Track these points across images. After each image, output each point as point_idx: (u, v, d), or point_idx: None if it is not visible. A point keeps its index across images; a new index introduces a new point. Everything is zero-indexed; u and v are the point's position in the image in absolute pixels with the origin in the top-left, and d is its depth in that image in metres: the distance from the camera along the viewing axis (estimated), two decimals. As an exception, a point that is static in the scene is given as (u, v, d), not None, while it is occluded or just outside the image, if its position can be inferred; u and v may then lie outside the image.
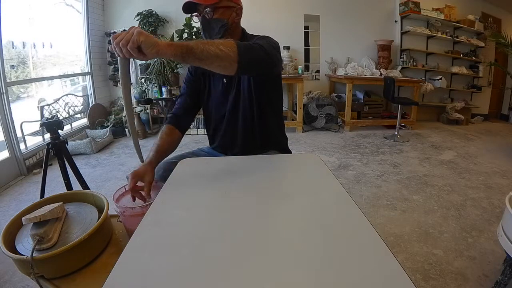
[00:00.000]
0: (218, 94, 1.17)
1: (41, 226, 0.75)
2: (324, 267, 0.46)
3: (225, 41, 0.78)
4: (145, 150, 0.88)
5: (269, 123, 1.19)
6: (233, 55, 0.77)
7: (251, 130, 1.16)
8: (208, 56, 0.73)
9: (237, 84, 1.13)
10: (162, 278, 0.44)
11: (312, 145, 3.63)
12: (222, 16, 1.02)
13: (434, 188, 2.38)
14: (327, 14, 4.66)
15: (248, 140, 1.18)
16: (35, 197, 2.22)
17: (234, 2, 1.05)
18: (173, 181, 0.83)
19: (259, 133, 1.17)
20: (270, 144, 1.22)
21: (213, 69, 0.79)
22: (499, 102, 5.47)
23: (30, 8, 3.50)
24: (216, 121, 1.21)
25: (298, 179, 0.79)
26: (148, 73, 4.25)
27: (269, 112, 1.17)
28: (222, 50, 0.75)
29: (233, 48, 0.77)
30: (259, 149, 1.19)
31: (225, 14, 1.02)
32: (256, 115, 1.14)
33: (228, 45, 0.77)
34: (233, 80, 1.13)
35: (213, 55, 0.73)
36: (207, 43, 0.74)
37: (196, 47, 0.71)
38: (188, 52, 0.70)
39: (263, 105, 1.14)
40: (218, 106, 1.19)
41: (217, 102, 1.18)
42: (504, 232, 1.14)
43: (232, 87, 1.14)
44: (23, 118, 3.04)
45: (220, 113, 1.18)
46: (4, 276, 1.44)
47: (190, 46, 0.70)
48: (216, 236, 0.56)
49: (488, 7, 4.99)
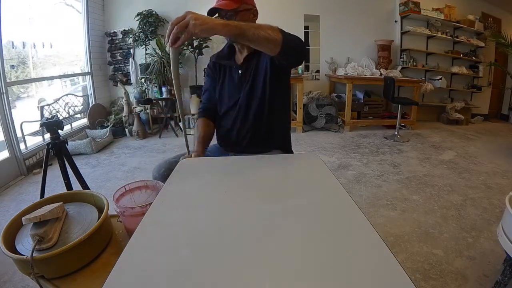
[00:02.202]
0: (233, 83, 1.23)
1: (41, 226, 0.75)
2: (324, 267, 0.46)
3: (271, 26, 0.87)
4: (145, 150, 0.89)
5: (277, 120, 1.23)
6: (278, 40, 0.86)
7: (259, 120, 1.20)
8: (257, 38, 0.83)
9: (253, 76, 1.17)
10: (162, 278, 0.44)
11: (312, 145, 3.63)
12: (243, 19, 1.08)
13: (434, 188, 2.38)
14: (327, 14, 4.66)
15: (256, 131, 1.21)
16: (35, 197, 2.22)
17: (251, 4, 1.13)
18: (173, 181, 0.83)
19: (266, 127, 1.21)
20: (275, 140, 1.25)
21: (259, 48, 0.90)
22: (499, 102, 5.47)
23: (30, 8, 3.50)
24: (227, 107, 1.25)
25: (298, 179, 0.79)
26: (148, 73, 4.25)
27: (278, 109, 1.22)
28: (270, 34, 0.85)
29: (278, 34, 0.87)
30: (263, 144, 1.22)
31: (245, 16, 1.10)
32: (267, 108, 1.18)
33: (274, 30, 0.87)
34: (249, 72, 1.18)
35: (262, 38, 0.83)
36: (257, 27, 0.83)
37: (248, 29, 0.80)
38: (241, 34, 0.79)
39: (275, 100, 1.18)
40: (231, 94, 1.23)
41: (231, 91, 1.23)
42: (504, 232, 1.14)
43: (247, 79, 1.18)
44: (23, 118, 3.04)
45: (233, 99, 1.23)
46: (4, 276, 1.44)
47: (243, 28, 0.79)
48: (216, 236, 0.56)
49: (488, 7, 4.99)
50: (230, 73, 1.24)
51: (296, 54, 0.98)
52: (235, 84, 1.22)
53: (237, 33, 0.79)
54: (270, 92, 1.16)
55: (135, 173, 2.80)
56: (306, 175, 0.84)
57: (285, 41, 0.88)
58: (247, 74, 1.19)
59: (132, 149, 3.58)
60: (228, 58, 1.25)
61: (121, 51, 4.59)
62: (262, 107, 1.18)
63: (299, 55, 1.00)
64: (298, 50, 0.97)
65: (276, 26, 0.89)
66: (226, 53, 1.26)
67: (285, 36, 0.88)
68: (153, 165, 3.32)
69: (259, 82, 1.16)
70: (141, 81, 4.51)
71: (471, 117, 5.02)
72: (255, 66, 1.17)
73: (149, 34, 4.32)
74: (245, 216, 0.63)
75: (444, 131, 4.36)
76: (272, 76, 1.14)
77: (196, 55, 4.36)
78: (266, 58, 1.13)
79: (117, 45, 4.58)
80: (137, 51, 4.56)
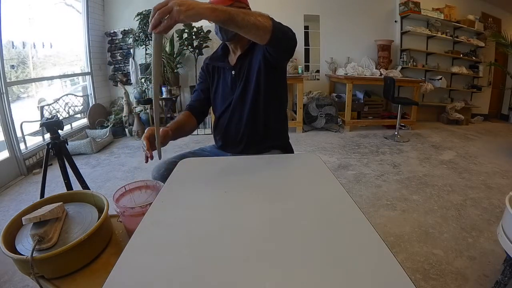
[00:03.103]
0: (226, 84, 1.22)
1: (41, 226, 0.75)
2: (324, 266, 0.46)
3: (261, 13, 0.85)
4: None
5: (274, 119, 1.22)
6: (268, 26, 0.85)
7: (255, 120, 1.19)
8: (247, 24, 0.79)
9: (246, 75, 1.16)
10: (162, 278, 0.44)
11: (312, 145, 3.63)
12: None
13: (434, 188, 2.38)
14: (327, 14, 4.66)
15: (251, 130, 1.20)
16: (35, 197, 2.22)
17: (244, 3, 1.12)
18: (173, 181, 0.83)
19: (263, 124, 1.20)
20: (273, 139, 1.24)
21: (248, 36, 0.86)
22: (499, 102, 5.47)
23: (30, 8, 3.50)
24: (222, 109, 1.24)
25: (298, 179, 0.79)
26: (148, 73, 4.25)
27: (274, 108, 1.21)
28: (259, 21, 0.82)
29: (268, 21, 0.85)
30: (261, 144, 1.21)
31: None
32: (262, 107, 1.17)
33: (264, 17, 0.85)
34: (242, 71, 1.17)
35: (252, 24, 0.80)
36: (246, 13, 0.80)
37: (237, 15, 0.76)
38: (230, 19, 0.75)
39: (269, 98, 1.17)
40: (225, 96, 1.23)
41: (225, 92, 1.22)
42: (504, 232, 1.14)
43: (241, 78, 1.17)
44: (23, 118, 3.04)
45: (227, 101, 1.22)
46: (4, 276, 1.44)
47: (232, 13, 0.75)
48: (216, 236, 0.56)
49: (488, 7, 4.99)
50: (223, 75, 1.23)
51: (286, 42, 0.96)
52: (228, 85, 1.21)
53: (225, 18, 0.75)
54: (264, 91, 1.15)
55: (135, 173, 2.80)
56: (306, 175, 0.84)
57: (275, 28, 0.86)
58: (240, 74, 1.17)
59: (132, 149, 3.58)
60: (221, 60, 1.24)
61: (121, 51, 4.59)
62: (256, 106, 1.16)
63: (290, 44, 0.98)
64: (288, 38, 0.95)
65: (267, 14, 0.86)
66: (220, 54, 1.25)
67: (275, 24, 0.87)
68: (153, 165, 3.32)
69: (251, 81, 1.15)
70: (141, 81, 4.51)
71: (471, 117, 5.02)
72: (248, 65, 1.16)
73: (149, 34, 4.32)
74: (245, 216, 0.63)
75: (444, 131, 4.36)
76: (266, 74, 1.13)
77: (196, 55, 4.36)
78: (258, 56, 1.11)
79: (117, 45, 4.58)
80: (137, 51, 4.57)
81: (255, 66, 1.14)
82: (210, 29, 4.34)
